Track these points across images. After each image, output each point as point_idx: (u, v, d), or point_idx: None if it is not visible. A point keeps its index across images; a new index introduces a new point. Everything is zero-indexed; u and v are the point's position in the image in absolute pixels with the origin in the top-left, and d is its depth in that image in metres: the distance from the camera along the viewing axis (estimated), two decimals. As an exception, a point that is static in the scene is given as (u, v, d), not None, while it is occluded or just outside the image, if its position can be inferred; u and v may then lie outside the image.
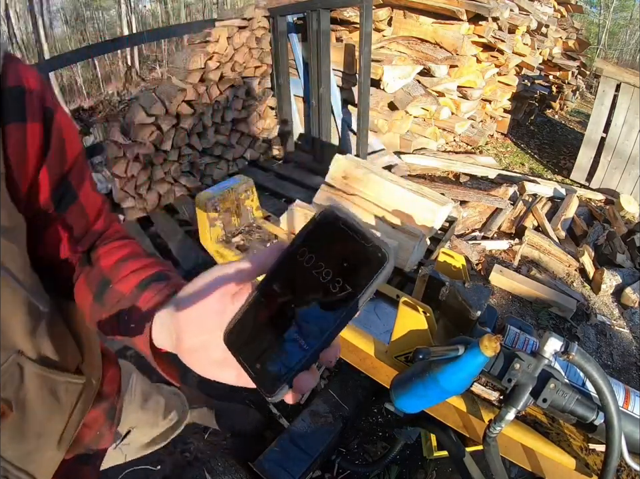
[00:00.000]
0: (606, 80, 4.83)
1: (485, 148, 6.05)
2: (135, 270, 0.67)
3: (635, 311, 3.19)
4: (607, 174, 5.07)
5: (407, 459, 2.10)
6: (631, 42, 22.13)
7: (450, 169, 5.11)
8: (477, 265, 3.50)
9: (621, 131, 4.86)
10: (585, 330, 3.01)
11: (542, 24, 6.21)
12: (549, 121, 7.71)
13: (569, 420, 0.95)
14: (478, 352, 0.82)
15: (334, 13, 4.41)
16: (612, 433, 0.80)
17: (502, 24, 5.10)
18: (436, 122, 5.40)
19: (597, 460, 0.98)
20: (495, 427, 0.91)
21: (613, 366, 2.78)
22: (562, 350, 0.82)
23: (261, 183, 4.07)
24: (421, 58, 4.86)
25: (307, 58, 4.46)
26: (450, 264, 1.31)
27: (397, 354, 1.17)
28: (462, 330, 1.09)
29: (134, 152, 3.63)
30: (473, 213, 4.02)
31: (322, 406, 2.11)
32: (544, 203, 4.35)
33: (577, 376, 0.96)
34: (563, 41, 7.54)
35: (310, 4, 3.93)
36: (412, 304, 1.08)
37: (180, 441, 2.25)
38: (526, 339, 1.01)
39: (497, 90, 6.10)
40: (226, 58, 4.12)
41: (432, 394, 0.93)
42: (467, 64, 5.08)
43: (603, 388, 0.80)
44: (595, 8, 20.96)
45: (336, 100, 4.74)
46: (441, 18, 4.83)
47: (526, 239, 3.65)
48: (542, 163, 5.95)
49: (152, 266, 0.69)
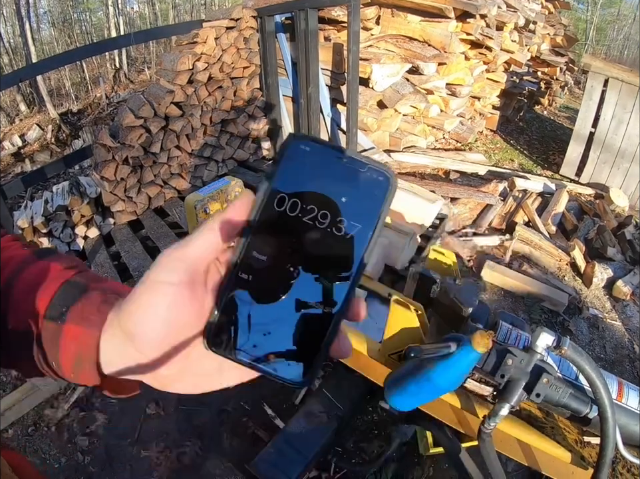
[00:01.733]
0: (594, 76, 4.86)
1: (474, 145, 6.07)
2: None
3: (626, 303, 3.21)
4: (597, 169, 5.10)
5: (403, 456, 2.10)
6: (618, 38, 22.32)
7: (439, 167, 5.12)
8: (468, 261, 3.50)
9: (609, 126, 4.89)
10: (577, 324, 3.03)
11: (530, 21, 6.25)
12: (538, 117, 7.74)
13: (563, 414, 0.95)
14: (470, 348, 0.81)
15: (322, 12, 4.41)
16: (606, 426, 0.80)
17: (490, 22, 5.12)
18: (425, 119, 5.40)
19: (592, 453, 0.98)
20: (490, 423, 0.91)
21: (605, 359, 2.80)
22: (554, 344, 0.82)
23: (251, 184, 4.06)
24: (409, 56, 4.87)
25: (295, 57, 4.45)
26: (441, 261, 1.31)
27: (390, 353, 1.16)
28: (454, 327, 1.09)
29: (122, 154, 3.60)
30: (463, 209, 4.03)
31: (317, 406, 2.10)
32: (534, 198, 4.37)
33: (570, 370, 0.96)
34: (551, 37, 7.58)
35: (298, 4, 3.92)
36: (403, 302, 1.08)
37: (176, 445, 2.24)
38: (518, 334, 1.01)
39: (485, 87, 6.12)
40: (214, 59, 4.10)
41: (426, 391, 0.92)
42: (455, 62, 5.10)
43: (596, 382, 0.80)
44: (583, 5, 21.12)
45: (325, 100, 4.74)
46: (429, 16, 4.84)
47: (517, 234, 3.66)
48: (532, 158, 5.98)
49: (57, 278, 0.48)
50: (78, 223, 3.65)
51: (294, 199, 0.35)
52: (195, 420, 2.38)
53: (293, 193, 0.35)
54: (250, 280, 0.36)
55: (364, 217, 0.35)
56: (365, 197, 0.35)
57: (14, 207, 4.09)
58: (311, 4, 3.82)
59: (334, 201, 0.35)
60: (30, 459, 2.21)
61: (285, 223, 0.35)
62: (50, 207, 3.54)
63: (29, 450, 2.25)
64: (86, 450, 2.24)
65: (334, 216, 0.35)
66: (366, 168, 0.35)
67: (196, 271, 0.36)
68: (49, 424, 2.36)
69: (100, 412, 2.41)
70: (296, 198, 0.35)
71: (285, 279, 0.36)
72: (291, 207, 0.35)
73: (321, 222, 0.35)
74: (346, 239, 0.35)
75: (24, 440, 2.30)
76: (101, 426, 2.35)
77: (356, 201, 0.35)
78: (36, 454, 2.23)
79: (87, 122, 10.02)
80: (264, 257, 0.35)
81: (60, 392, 2.52)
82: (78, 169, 6.05)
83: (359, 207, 0.35)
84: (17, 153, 8.82)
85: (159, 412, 2.41)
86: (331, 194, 0.35)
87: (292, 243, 0.35)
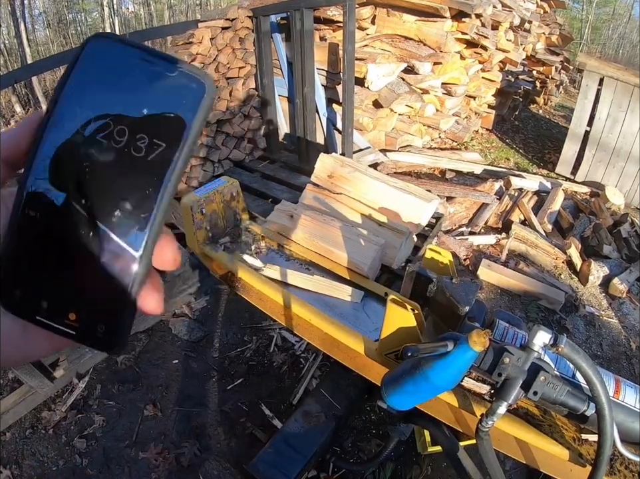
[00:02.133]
0: (589, 75, 4.88)
1: (470, 144, 6.08)
2: None
3: (622, 301, 3.22)
4: (592, 167, 5.12)
5: (402, 455, 2.11)
6: (613, 37, 22.38)
7: (435, 166, 5.13)
8: (465, 260, 3.51)
9: (604, 124, 4.91)
10: (574, 322, 3.03)
11: (525, 20, 6.27)
12: (533, 116, 7.77)
13: (561, 412, 0.95)
14: (467, 347, 0.81)
15: (317, 12, 4.41)
16: (604, 423, 0.80)
17: (485, 21, 5.13)
18: (420, 119, 5.41)
19: (590, 450, 0.98)
20: (488, 421, 0.91)
21: (602, 356, 2.81)
22: (551, 342, 0.82)
23: (247, 184, 4.06)
24: (405, 55, 4.87)
25: (291, 57, 4.45)
26: (437, 260, 1.31)
27: (387, 352, 1.16)
28: (450, 326, 1.09)
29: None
30: (459, 208, 4.03)
31: (315, 406, 2.10)
32: (530, 197, 4.38)
33: (567, 367, 0.97)
34: (546, 36, 7.61)
35: (293, 4, 3.91)
36: (400, 301, 1.08)
37: (174, 446, 2.24)
38: (515, 333, 1.01)
39: (481, 86, 6.13)
40: (210, 59, 4.09)
41: (423, 390, 0.92)
42: (451, 61, 5.11)
43: (593, 379, 0.80)
44: (578, 4, 21.15)
45: (321, 99, 4.74)
46: (424, 16, 4.84)
47: (513, 233, 3.67)
48: (527, 157, 5.99)
49: None
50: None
51: (87, 113, 0.29)
52: (193, 421, 2.37)
53: (86, 105, 0.29)
54: (38, 218, 0.30)
55: (169, 135, 0.29)
56: (172, 108, 0.29)
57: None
58: (307, 4, 3.82)
59: (133, 115, 0.29)
60: (28, 462, 2.20)
61: (76, 144, 0.29)
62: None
63: (27, 453, 2.24)
64: (84, 452, 2.24)
65: (133, 133, 0.29)
66: (175, 72, 0.29)
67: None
68: (46, 427, 2.36)
69: (97, 414, 2.41)
70: (89, 111, 0.29)
71: (78, 214, 0.29)
72: (83, 125, 0.29)
73: (117, 141, 0.29)
74: (146, 161, 0.29)
75: (21, 442, 2.29)
76: (98, 428, 2.35)
77: (160, 114, 0.29)
78: (34, 457, 2.22)
79: (82, 123, 10.00)
80: (53, 188, 0.29)
81: (57, 394, 2.51)
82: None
83: (164, 122, 0.29)
84: (12, 155, 8.80)
85: (156, 414, 2.41)
86: (129, 105, 0.29)
87: (84, 167, 0.29)
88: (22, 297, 0.30)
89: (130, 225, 0.29)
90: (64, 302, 0.30)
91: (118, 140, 0.29)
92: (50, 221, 0.29)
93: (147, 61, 0.29)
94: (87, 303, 0.30)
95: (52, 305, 0.30)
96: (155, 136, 0.29)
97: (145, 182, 0.29)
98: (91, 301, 0.30)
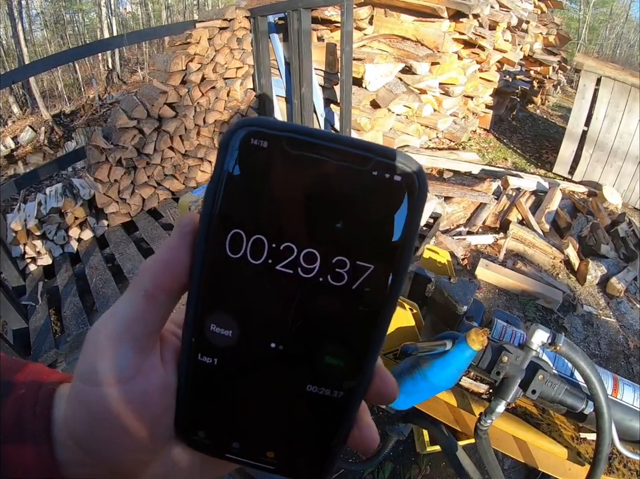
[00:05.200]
0: (586, 74, 4.89)
1: (468, 144, 6.08)
2: None
3: (620, 300, 3.22)
4: (589, 167, 5.13)
5: (400, 455, 2.10)
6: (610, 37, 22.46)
7: (433, 166, 5.13)
8: (462, 260, 3.51)
9: (602, 124, 4.91)
10: (572, 321, 3.04)
11: (522, 20, 6.28)
12: (530, 116, 7.78)
13: (559, 411, 0.95)
14: (466, 346, 0.82)
15: (315, 12, 4.41)
16: (602, 421, 0.80)
17: (483, 21, 5.14)
18: (418, 119, 5.41)
19: (588, 449, 0.99)
20: (486, 420, 0.91)
21: (600, 355, 2.81)
22: (549, 341, 0.83)
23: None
24: (402, 56, 4.87)
25: (288, 58, 4.45)
26: (435, 260, 1.31)
27: (385, 352, 1.16)
28: (449, 326, 1.09)
29: (116, 156, 3.59)
30: (457, 208, 4.03)
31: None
32: (528, 196, 4.38)
33: (565, 366, 0.97)
34: (544, 37, 7.62)
35: (291, 4, 3.92)
36: (399, 301, 1.08)
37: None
38: (513, 332, 1.01)
39: (478, 86, 6.13)
40: (207, 60, 4.09)
41: (422, 389, 0.92)
42: (448, 61, 5.11)
43: (591, 378, 0.80)
44: (575, 4, 21.23)
45: (319, 100, 4.74)
46: (422, 16, 4.85)
47: (511, 232, 3.67)
48: (525, 157, 6.00)
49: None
50: (71, 225, 3.63)
51: (255, 235, 0.22)
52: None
53: (251, 224, 0.22)
54: (216, 365, 0.24)
55: (377, 251, 0.22)
56: (376, 215, 0.22)
57: (7, 210, 4.06)
58: (304, 5, 3.82)
59: (323, 232, 0.22)
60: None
61: (248, 277, 0.23)
62: (43, 209, 3.52)
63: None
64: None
65: (326, 257, 0.22)
66: (369, 165, 0.22)
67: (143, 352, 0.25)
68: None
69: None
70: (258, 234, 0.22)
71: (266, 360, 0.24)
72: (252, 250, 0.22)
73: (306, 270, 0.22)
74: (351, 290, 0.23)
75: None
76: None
77: (360, 225, 0.22)
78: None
79: (80, 124, 9.98)
80: (228, 332, 0.24)
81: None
82: (71, 171, 6.03)
83: (367, 236, 0.22)
84: (10, 155, 8.78)
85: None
86: (316, 220, 0.22)
87: (266, 308, 0.23)
88: (208, 438, 0.26)
89: (331, 366, 0.24)
90: (260, 443, 0.26)
91: (306, 269, 0.22)
92: (229, 368, 0.25)
93: (324, 151, 0.22)
94: (289, 444, 0.26)
95: (246, 446, 0.26)
96: (358, 256, 0.22)
97: (350, 319, 0.23)
98: (293, 442, 0.26)
